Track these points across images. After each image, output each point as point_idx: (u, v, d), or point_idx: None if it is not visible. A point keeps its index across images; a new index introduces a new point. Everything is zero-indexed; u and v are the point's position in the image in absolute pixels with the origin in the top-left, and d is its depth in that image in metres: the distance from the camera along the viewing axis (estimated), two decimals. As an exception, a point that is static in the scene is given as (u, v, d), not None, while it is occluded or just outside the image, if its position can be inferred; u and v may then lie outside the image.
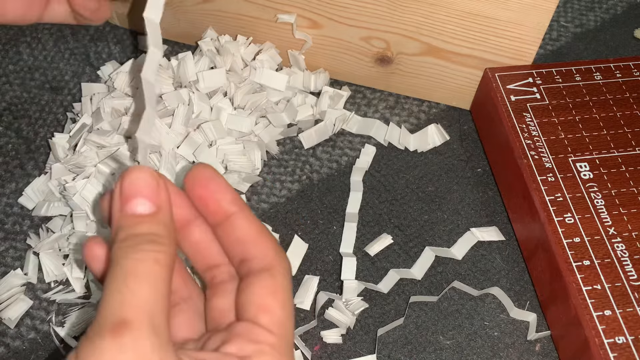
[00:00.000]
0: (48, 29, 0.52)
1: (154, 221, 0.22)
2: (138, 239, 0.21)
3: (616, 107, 0.41)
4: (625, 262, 0.34)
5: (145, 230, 0.21)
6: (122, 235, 0.21)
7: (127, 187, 0.22)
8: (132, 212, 0.22)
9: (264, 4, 0.45)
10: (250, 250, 0.24)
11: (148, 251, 0.21)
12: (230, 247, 0.24)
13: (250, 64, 0.45)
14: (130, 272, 0.20)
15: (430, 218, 0.41)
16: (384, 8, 0.42)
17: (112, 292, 0.20)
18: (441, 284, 0.39)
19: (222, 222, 0.24)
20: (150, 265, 0.20)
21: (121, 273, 0.20)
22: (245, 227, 0.24)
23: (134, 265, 0.20)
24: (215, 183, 0.24)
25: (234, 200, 0.24)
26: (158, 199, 0.22)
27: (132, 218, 0.22)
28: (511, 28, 0.40)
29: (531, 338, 0.36)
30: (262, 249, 0.24)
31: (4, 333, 0.37)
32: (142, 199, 0.22)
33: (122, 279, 0.20)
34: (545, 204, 0.37)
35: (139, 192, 0.22)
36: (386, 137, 0.45)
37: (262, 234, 0.24)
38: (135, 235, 0.21)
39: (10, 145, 0.45)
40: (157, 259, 0.21)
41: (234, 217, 0.24)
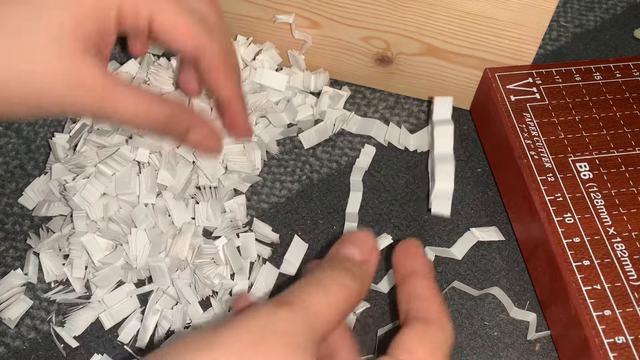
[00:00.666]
0: (48, 29, 0.52)
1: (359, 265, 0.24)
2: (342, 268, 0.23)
3: (616, 107, 0.41)
4: (625, 262, 0.34)
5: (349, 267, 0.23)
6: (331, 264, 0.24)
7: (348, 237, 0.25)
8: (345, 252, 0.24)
9: (264, 4, 0.45)
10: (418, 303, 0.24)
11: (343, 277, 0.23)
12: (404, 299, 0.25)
13: (250, 64, 0.46)
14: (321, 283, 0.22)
15: (430, 218, 0.41)
16: (384, 8, 0.42)
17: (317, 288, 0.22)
18: (441, 284, 0.39)
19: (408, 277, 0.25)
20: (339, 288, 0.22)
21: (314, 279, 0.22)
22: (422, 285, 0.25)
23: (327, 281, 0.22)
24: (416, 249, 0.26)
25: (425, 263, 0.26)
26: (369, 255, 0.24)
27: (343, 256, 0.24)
28: (511, 28, 0.40)
29: (531, 338, 0.36)
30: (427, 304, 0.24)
31: (4, 333, 0.37)
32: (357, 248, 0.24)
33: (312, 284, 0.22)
34: (545, 204, 0.37)
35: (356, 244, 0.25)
36: (386, 137, 0.45)
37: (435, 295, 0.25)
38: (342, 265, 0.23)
39: (10, 145, 0.45)
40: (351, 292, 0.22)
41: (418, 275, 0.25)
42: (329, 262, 0.24)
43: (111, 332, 0.37)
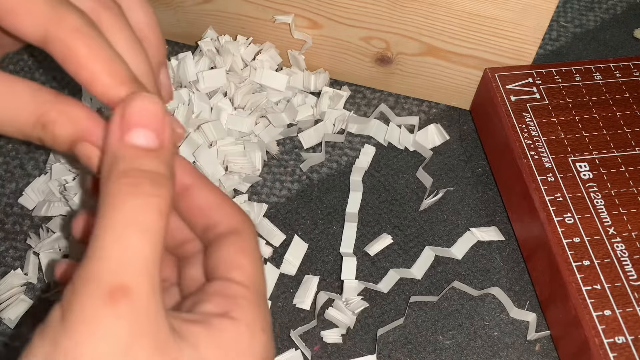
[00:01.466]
0: (48, 29, 0.52)
1: (159, 158, 0.19)
2: (141, 176, 0.18)
3: (616, 107, 0.41)
4: (625, 262, 0.34)
5: (150, 167, 0.19)
6: (122, 167, 0.18)
7: (131, 115, 0.19)
8: (134, 142, 0.19)
9: (264, 4, 0.45)
10: (214, 216, 0.22)
11: (152, 196, 0.18)
12: (193, 217, 0.23)
13: (250, 64, 0.46)
14: (131, 222, 0.18)
15: (430, 218, 0.41)
16: (384, 8, 0.42)
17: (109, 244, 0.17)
18: (441, 284, 0.39)
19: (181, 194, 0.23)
20: (154, 216, 0.18)
21: (121, 221, 0.18)
22: (206, 195, 0.23)
23: (136, 214, 0.18)
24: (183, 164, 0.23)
25: (191, 171, 0.23)
26: (163, 135, 0.20)
27: (134, 150, 0.19)
28: (511, 28, 0.40)
29: (531, 338, 0.36)
30: (226, 214, 0.22)
31: (4, 333, 0.37)
32: (147, 130, 0.19)
33: (122, 230, 0.17)
34: (545, 203, 0.37)
35: (144, 123, 0.19)
36: (386, 137, 0.45)
37: (224, 200, 0.23)
38: (138, 170, 0.18)
39: (10, 145, 0.45)
40: (160, 208, 0.18)
41: (192, 188, 0.23)
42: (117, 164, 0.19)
43: (111, 332, 0.37)
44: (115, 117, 0.19)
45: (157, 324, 0.18)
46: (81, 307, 0.17)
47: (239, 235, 0.22)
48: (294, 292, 0.38)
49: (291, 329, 0.37)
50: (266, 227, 0.40)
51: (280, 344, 0.36)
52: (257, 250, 0.23)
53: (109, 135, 0.19)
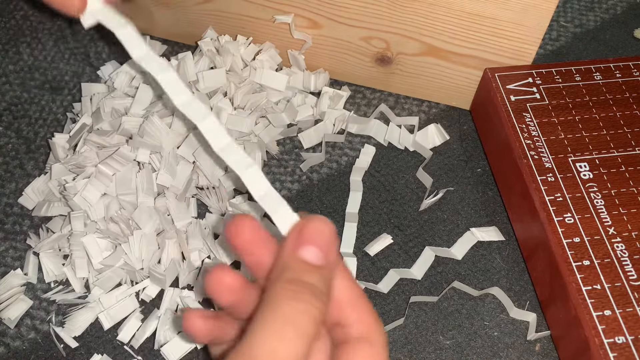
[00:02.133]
0: (48, 29, 0.52)
1: (321, 275, 0.22)
2: (304, 287, 0.21)
3: (616, 107, 0.41)
4: (625, 262, 0.34)
5: (312, 281, 0.21)
6: (289, 277, 0.21)
7: (306, 233, 0.22)
8: (304, 257, 0.22)
9: (264, 4, 0.45)
10: (349, 314, 0.23)
11: (310, 304, 0.21)
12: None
13: (250, 64, 0.46)
14: (289, 321, 0.20)
15: (430, 218, 0.41)
16: (384, 8, 0.42)
17: (268, 334, 0.20)
18: (441, 284, 0.39)
19: None
20: (308, 320, 0.20)
21: (281, 317, 0.20)
22: (343, 288, 0.23)
23: (295, 316, 0.20)
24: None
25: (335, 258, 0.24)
26: (329, 255, 0.22)
27: (302, 264, 0.22)
28: (511, 28, 0.40)
29: (531, 338, 0.36)
30: (360, 316, 0.23)
31: (4, 333, 0.37)
32: (317, 249, 0.22)
33: (281, 325, 0.20)
34: (545, 204, 0.37)
35: (315, 242, 0.22)
36: (386, 137, 0.45)
37: (361, 298, 0.24)
38: (302, 281, 0.21)
39: (10, 145, 0.45)
40: (314, 315, 0.21)
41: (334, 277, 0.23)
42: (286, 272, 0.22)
43: (110, 332, 0.37)
44: (292, 232, 0.23)
45: None
46: None
47: (372, 346, 0.23)
48: (294, 292, 0.38)
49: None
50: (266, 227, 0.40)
51: (280, 344, 0.36)
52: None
53: (285, 246, 0.23)
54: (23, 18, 0.53)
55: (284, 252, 0.23)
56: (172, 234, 0.38)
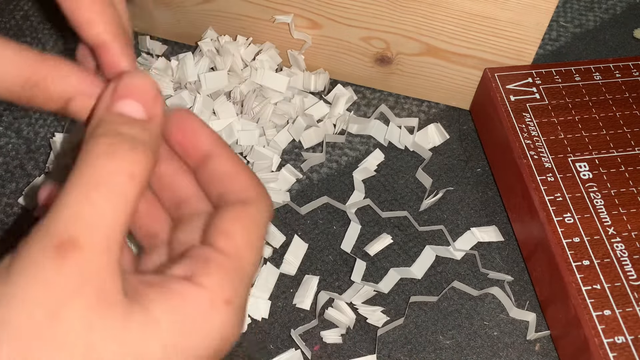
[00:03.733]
0: (48, 29, 0.52)
1: (141, 127, 0.19)
2: (119, 138, 0.18)
3: (615, 107, 0.41)
4: (624, 262, 0.34)
5: (129, 132, 0.19)
6: (102, 130, 0.19)
7: (123, 86, 0.20)
8: (121, 110, 0.19)
9: (264, 5, 0.45)
10: (229, 184, 0.22)
11: (125, 159, 0.18)
12: (209, 185, 0.22)
13: (250, 64, 0.46)
14: (98, 182, 0.17)
15: (430, 218, 0.41)
16: (383, 8, 0.42)
17: (70, 199, 0.17)
18: (441, 284, 0.39)
19: (203, 164, 0.22)
20: (125, 179, 0.18)
21: (88, 178, 0.17)
22: (224, 163, 0.22)
23: (106, 175, 0.17)
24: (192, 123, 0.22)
25: (214, 140, 0.22)
26: (153, 109, 0.20)
27: (119, 116, 0.19)
28: (511, 28, 0.40)
29: (531, 338, 0.36)
30: (241, 183, 0.22)
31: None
32: (135, 102, 0.19)
33: (87, 187, 0.17)
34: (545, 203, 0.37)
35: (134, 95, 0.20)
36: (386, 137, 0.45)
37: (242, 170, 0.22)
38: (117, 132, 0.18)
39: (10, 145, 0.45)
40: (132, 172, 0.18)
41: (212, 156, 0.22)
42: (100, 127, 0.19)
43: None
44: (108, 87, 0.20)
45: (106, 282, 0.17)
46: (27, 257, 0.17)
47: (245, 205, 0.21)
48: (294, 292, 0.38)
49: (291, 328, 0.37)
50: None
51: (280, 343, 0.36)
52: (260, 226, 0.21)
53: (99, 103, 0.20)
54: (23, 18, 0.53)
55: (98, 107, 0.20)
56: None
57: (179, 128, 0.22)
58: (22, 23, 0.53)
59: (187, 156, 0.23)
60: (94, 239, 0.17)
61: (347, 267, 0.39)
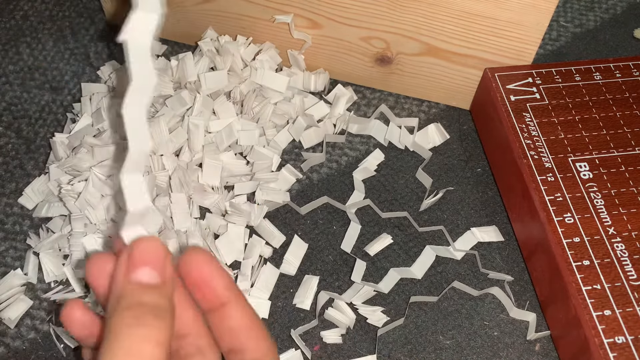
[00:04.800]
0: (48, 29, 0.52)
1: (160, 293, 0.21)
2: (143, 309, 0.20)
3: (616, 107, 0.41)
4: (624, 262, 0.34)
5: (151, 301, 0.21)
6: (126, 304, 0.20)
7: (135, 255, 0.21)
8: (138, 280, 0.21)
9: (264, 5, 0.45)
10: (243, 341, 0.23)
11: (151, 328, 0.20)
12: (221, 334, 0.24)
13: (250, 64, 0.45)
14: (132, 352, 0.19)
15: (430, 218, 0.41)
16: (383, 8, 0.42)
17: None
18: (441, 284, 0.39)
19: (216, 310, 0.24)
20: (152, 347, 0.20)
21: (122, 350, 0.19)
22: (239, 316, 0.23)
23: (138, 345, 0.19)
24: (211, 268, 0.23)
25: (229, 286, 0.24)
26: (164, 272, 0.22)
27: (138, 287, 0.21)
28: (511, 28, 0.40)
29: (531, 338, 0.36)
30: (255, 341, 0.23)
31: (4, 333, 0.37)
32: (150, 269, 0.21)
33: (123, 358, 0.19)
34: (545, 203, 0.37)
35: (147, 262, 0.21)
36: (386, 137, 0.45)
37: (256, 325, 0.24)
38: (140, 304, 0.20)
39: (10, 145, 0.45)
40: (158, 339, 0.20)
41: (229, 305, 0.23)
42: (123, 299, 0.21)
43: (111, 332, 0.37)
44: (121, 258, 0.21)
45: None
46: None
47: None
48: (294, 292, 0.38)
49: (291, 328, 0.37)
50: (266, 229, 0.40)
51: (280, 343, 0.36)
52: None
53: (116, 275, 0.21)
54: (23, 18, 0.53)
55: (116, 279, 0.21)
56: (172, 234, 0.38)
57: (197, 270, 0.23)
58: (22, 23, 0.53)
59: (200, 297, 0.23)
60: None
61: (347, 267, 0.39)
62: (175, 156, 0.41)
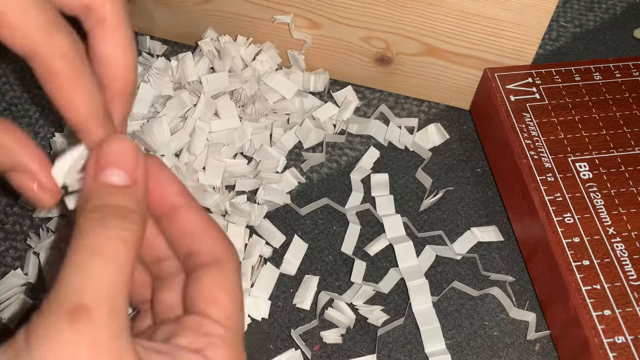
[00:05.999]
0: (48, 29, 0.52)
1: (128, 194, 0.21)
2: (108, 211, 0.20)
3: (615, 107, 0.41)
4: (624, 262, 0.34)
5: (117, 202, 0.20)
6: (92, 205, 0.20)
7: (104, 155, 0.21)
8: (105, 181, 0.21)
9: (264, 5, 0.45)
10: (198, 243, 0.23)
11: (117, 228, 0.19)
12: (176, 240, 0.23)
13: (250, 65, 0.46)
14: (96, 251, 0.19)
15: (430, 218, 0.41)
16: (383, 8, 0.42)
17: (74, 270, 0.18)
18: (441, 284, 0.39)
19: (168, 215, 0.23)
20: (118, 245, 0.19)
21: (86, 250, 0.19)
22: (192, 219, 0.23)
23: (101, 243, 0.19)
24: (161, 174, 0.23)
25: (181, 192, 0.23)
26: (135, 173, 0.21)
27: (105, 187, 0.21)
28: (511, 28, 0.40)
29: (531, 338, 0.37)
30: (210, 242, 0.23)
31: (4, 333, 0.37)
32: (119, 169, 0.21)
33: (87, 257, 0.19)
34: (545, 203, 0.37)
35: (116, 163, 0.21)
36: (386, 137, 0.45)
37: (211, 227, 0.23)
38: (105, 206, 0.20)
39: (10, 145, 0.45)
40: (125, 238, 0.19)
41: (181, 210, 0.23)
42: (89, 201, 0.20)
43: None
44: (91, 158, 0.21)
45: (119, 347, 0.18)
46: (43, 326, 0.17)
47: (220, 267, 0.22)
48: (294, 292, 0.38)
49: (291, 328, 0.37)
50: (266, 229, 0.40)
51: (280, 343, 0.36)
52: (237, 285, 0.22)
53: (86, 174, 0.21)
54: (23, 18, 0.53)
55: (86, 180, 0.21)
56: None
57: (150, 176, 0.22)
58: (22, 23, 0.53)
59: (151, 203, 0.23)
60: (101, 304, 0.18)
61: (347, 267, 0.39)
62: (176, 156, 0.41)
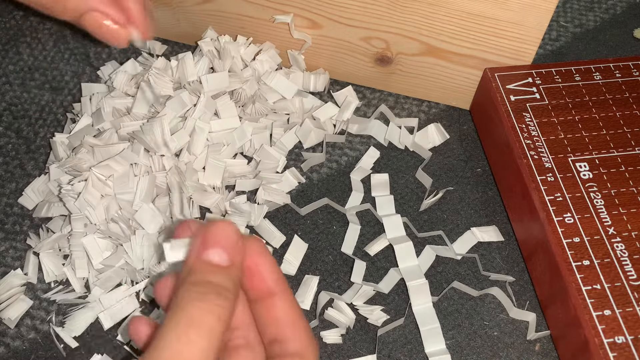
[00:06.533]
0: (48, 29, 0.52)
1: (227, 275, 0.22)
2: (208, 287, 0.22)
3: (616, 107, 0.41)
4: (624, 262, 0.34)
5: (217, 281, 0.22)
6: (194, 279, 0.22)
7: (209, 236, 0.23)
8: (208, 260, 0.22)
9: (263, 4, 0.45)
10: (286, 332, 0.24)
11: (214, 304, 0.21)
12: (266, 325, 0.25)
13: (250, 64, 0.45)
14: (194, 322, 0.21)
15: (430, 218, 0.41)
16: (383, 8, 0.42)
17: (173, 337, 0.20)
18: (441, 284, 0.39)
19: (263, 299, 0.25)
20: (213, 320, 0.21)
21: (185, 319, 0.21)
22: (285, 308, 0.25)
23: (199, 316, 0.21)
24: (263, 259, 0.25)
25: (279, 280, 0.25)
26: (234, 256, 0.23)
27: (207, 265, 0.22)
28: (511, 28, 0.40)
29: (531, 338, 0.36)
30: (297, 334, 0.24)
31: (4, 333, 0.37)
32: (221, 250, 0.23)
33: (185, 327, 0.20)
34: (545, 203, 0.37)
35: (219, 243, 0.23)
36: (386, 137, 0.45)
37: (300, 319, 0.25)
38: (206, 282, 0.22)
39: (10, 145, 0.45)
40: (220, 315, 0.21)
41: (277, 297, 0.25)
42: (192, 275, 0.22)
43: (111, 332, 0.37)
44: (197, 237, 0.23)
45: None
46: None
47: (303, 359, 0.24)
48: (294, 292, 0.38)
49: (291, 329, 0.37)
50: (266, 229, 0.40)
51: (280, 344, 0.36)
52: None
53: (190, 251, 0.23)
54: (23, 18, 0.53)
55: (189, 256, 0.23)
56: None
57: (251, 258, 0.24)
58: (22, 23, 0.53)
59: (249, 285, 0.25)
60: None
61: (347, 267, 0.39)
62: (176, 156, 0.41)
